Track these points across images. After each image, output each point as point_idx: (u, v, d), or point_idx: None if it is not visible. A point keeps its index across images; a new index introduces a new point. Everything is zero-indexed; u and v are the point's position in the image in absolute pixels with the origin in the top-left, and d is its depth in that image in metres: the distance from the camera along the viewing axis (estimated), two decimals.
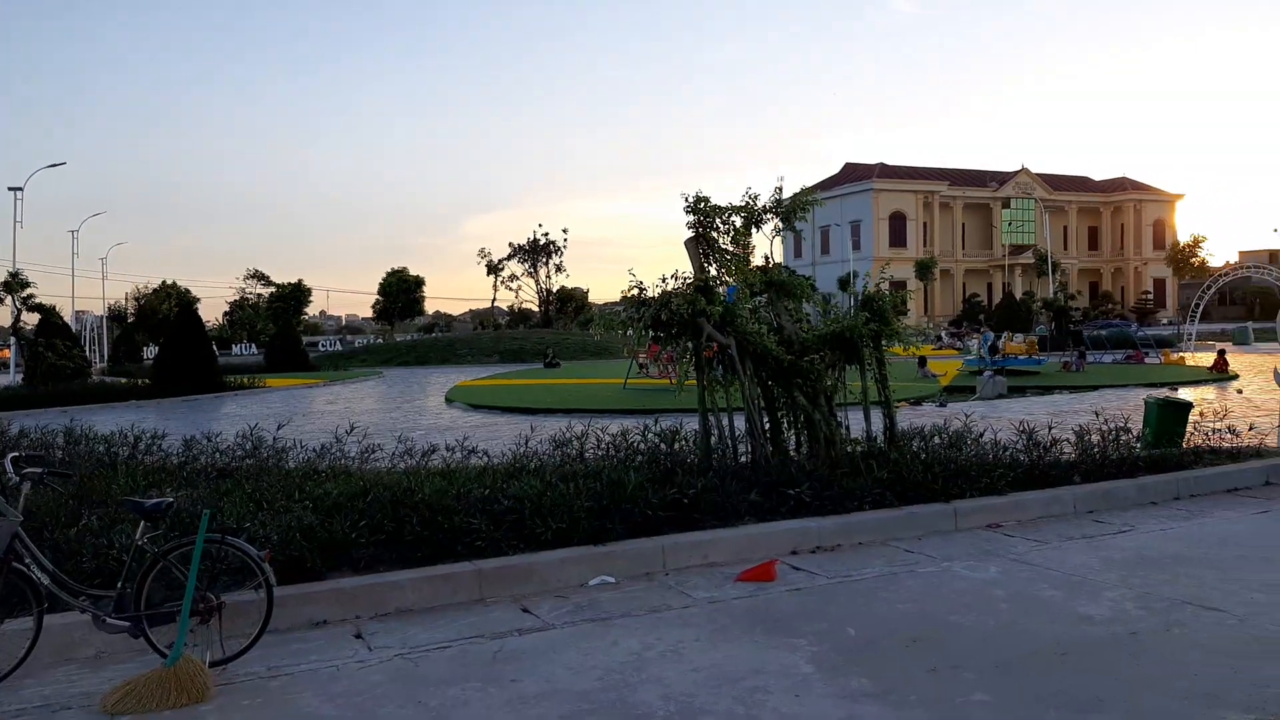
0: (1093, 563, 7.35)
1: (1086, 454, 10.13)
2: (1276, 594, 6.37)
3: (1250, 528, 8.48)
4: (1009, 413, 17.93)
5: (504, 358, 50.96)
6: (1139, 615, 6.03)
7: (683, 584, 6.96)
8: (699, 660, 5.42)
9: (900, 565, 7.40)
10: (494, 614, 6.36)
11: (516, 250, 76.31)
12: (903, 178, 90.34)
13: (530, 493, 7.47)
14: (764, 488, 8.39)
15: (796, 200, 10.28)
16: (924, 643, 5.63)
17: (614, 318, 9.99)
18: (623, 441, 9.54)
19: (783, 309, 10.17)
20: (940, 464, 9.07)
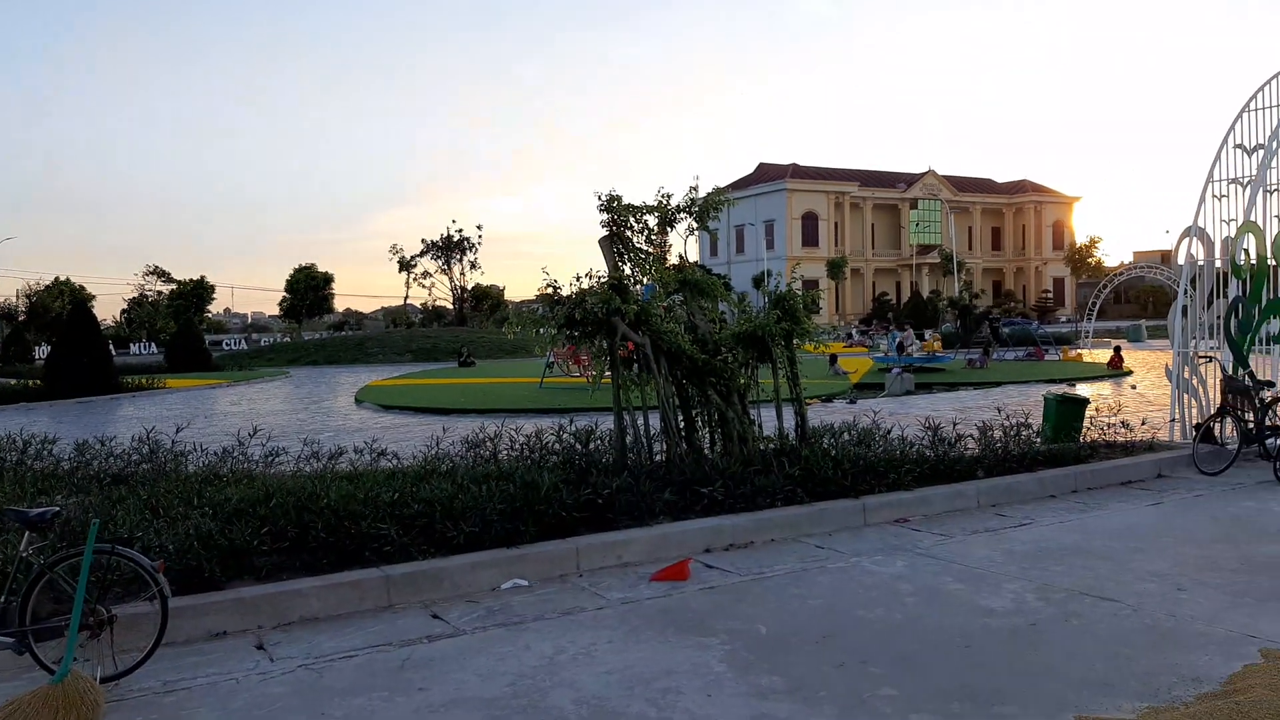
0: (995, 556, 7.56)
1: (989, 449, 10.43)
2: (1167, 584, 6.64)
3: (1143, 519, 8.83)
4: (916, 409, 18.37)
5: (417, 356, 50.19)
6: (1038, 606, 6.22)
7: (596, 585, 6.92)
8: (612, 662, 5.39)
9: (811, 561, 7.50)
10: (403, 621, 6.23)
11: (430, 247, 75.13)
12: (815, 178, 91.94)
13: (441, 496, 7.34)
14: (678, 486, 8.41)
15: (709, 200, 10.33)
16: (834, 638, 5.71)
17: (528, 316, 9.91)
18: (537, 442, 9.47)
19: (697, 308, 10.21)
20: (850, 461, 9.22)
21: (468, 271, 76.11)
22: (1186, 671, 4.98)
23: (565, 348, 24.10)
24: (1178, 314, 12.85)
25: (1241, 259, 12.33)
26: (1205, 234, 12.85)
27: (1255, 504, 9.32)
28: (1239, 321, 12.27)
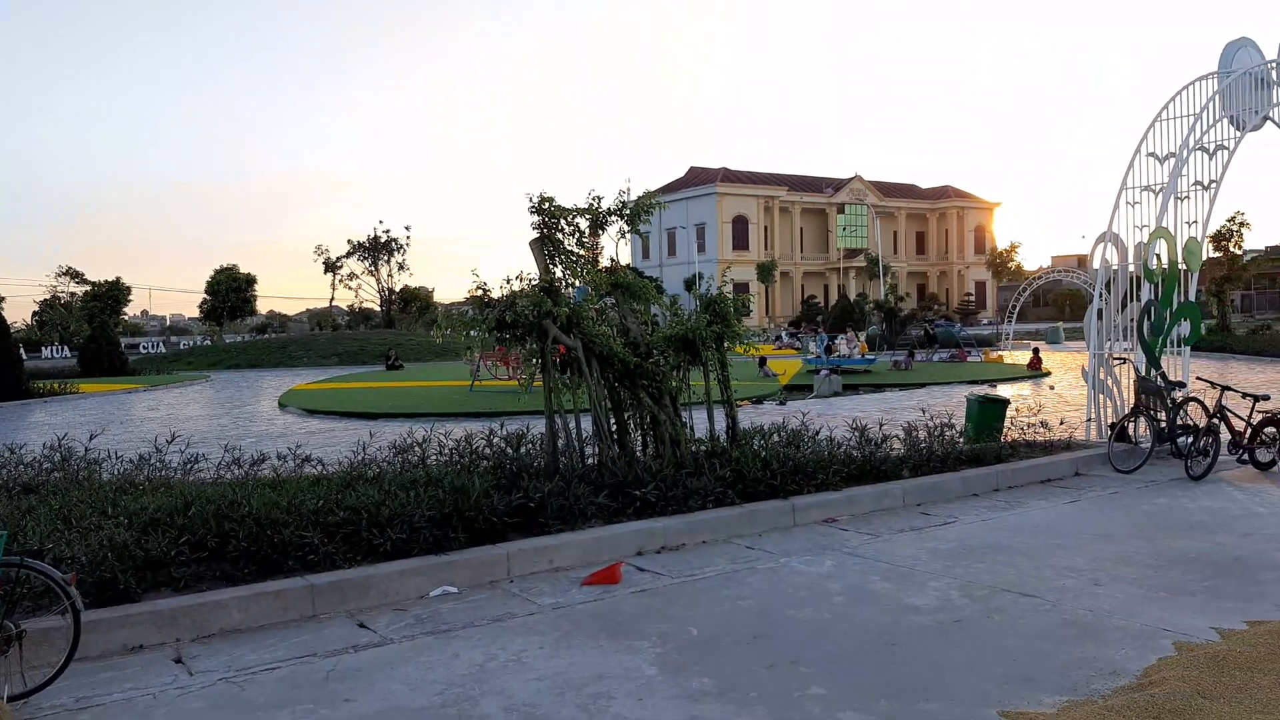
0: (920, 554, 7.70)
1: (915, 449, 10.63)
2: (1085, 579, 6.83)
3: (1061, 516, 9.09)
4: (844, 410, 18.64)
5: (343, 359, 49.27)
6: (962, 604, 6.35)
7: (528, 590, 6.86)
8: (543, 668, 5.35)
9: (742, 562, 7.55)
10: (328, 631, 6.10)
11: (356, 247, 73.77)
12: (744, 182, 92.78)
13: (367, 503, 7.20)
14: (610, 490, 8.39)
15: (640, 203, 10.34)
16: (764, 639, 5.75)
17: (458, 319, 9.79)
18: (467, 446, 9.36)
19: (629, 311, 10.21)
20: (780, 462, 9.31)
21: (396, 273, 74.98)
22: (1104, 665, 5.13)
23: (495, 350, 24.09)
24: (1093, 317, 13.26)
25: (1154, 264, 12.77)
26: (1119, 239, 13.29)
27: (1168, 500, 9.65)
28: (1151, 324, 12.70)
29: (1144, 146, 13.45)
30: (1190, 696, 4.45)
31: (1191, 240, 13.10)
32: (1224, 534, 8.09)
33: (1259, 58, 14.41)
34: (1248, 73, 14.13)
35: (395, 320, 72.34)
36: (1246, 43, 14.40)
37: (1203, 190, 13.45)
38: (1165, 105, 13.54)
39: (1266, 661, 4.93)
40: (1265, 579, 6.68)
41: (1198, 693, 4.51)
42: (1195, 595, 6.35)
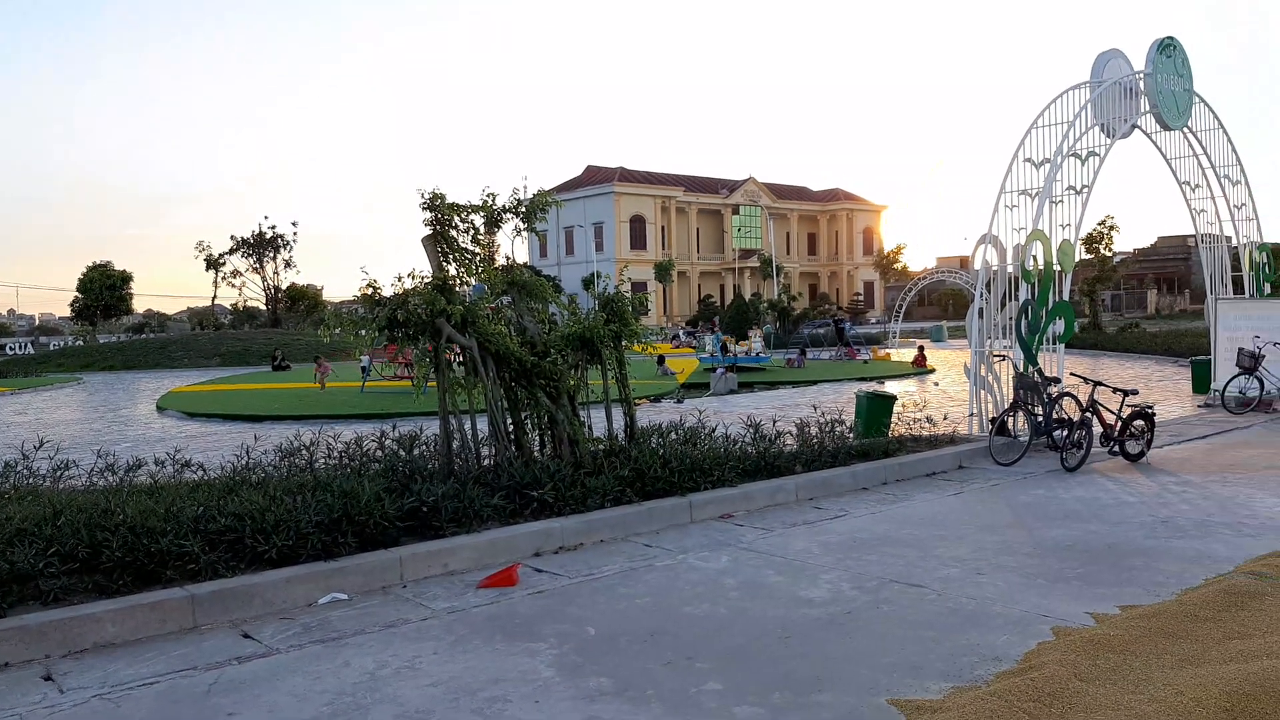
0: (813, 547, 7.85)
1: (807, 445, 10.85)
2: (968, 569, 7.08)
3: (946, 508, 9.39)
4: (739, 408, 18.91)
5: (226, 360, 47.55)
6: (853, 595, 6.50)
7: (421, 595, 6.72)
8: (437, 674, 5.24)
9: (639, 560, 7.56)
10: (210, 642, 5.85)
11: (240, 244, 71.08)
12: (642, 182, 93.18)
13: (252, 509, 6.93)
14: (507, 491, 8.29)
15: (536, 201, 10.26)
16: (661, 636, 5.76)
17: (347, 318, 9.52)
18: (357, 449, 9.13)
19: (526, 309, 10.11)
20: (677, 459, 9.37)
21: (282, 270, 72.54)
22: (987, 651, 5.31)
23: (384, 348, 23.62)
24: (975, 316, 13.77)
25: (1030, 265, 13.33)
26: (999, 241, 13.83)
27: (1045, 491, 10.08)
28: (1029, 322, 13.26)
29: (1021, 152, 14.03)
30: (1068, 679, 4.64)
31: (1065, 242, 13.73)
32: (1097, 523, 8.49)
33: (1128, 68, 15.21)
34: (1117, 82, 14.89)
35: (282, 319, 70.06)
36: (1117, 54, 15.18)
37: (1075, 195, 14.11)
38: (1041, 113, 14.16)
39: (1138, 644, 5.18)
40: (1135, 565, 7.04)
41: (1075, 676, 4.71)
42: (1071, 582, 6.64)
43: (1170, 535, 7.93)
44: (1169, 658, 5.00)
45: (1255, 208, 18.85)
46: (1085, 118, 14.31)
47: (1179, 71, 16.15)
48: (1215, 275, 18.82)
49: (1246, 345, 16.36)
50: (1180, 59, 16.20)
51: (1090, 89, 14.56)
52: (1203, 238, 18.86)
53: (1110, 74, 14.91)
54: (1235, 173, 18.33)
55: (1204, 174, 17.98)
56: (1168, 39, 15.91)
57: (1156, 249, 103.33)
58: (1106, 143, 14.72)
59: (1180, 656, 5.01)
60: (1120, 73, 15.01)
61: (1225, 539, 7.73)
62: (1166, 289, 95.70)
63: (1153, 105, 15.71)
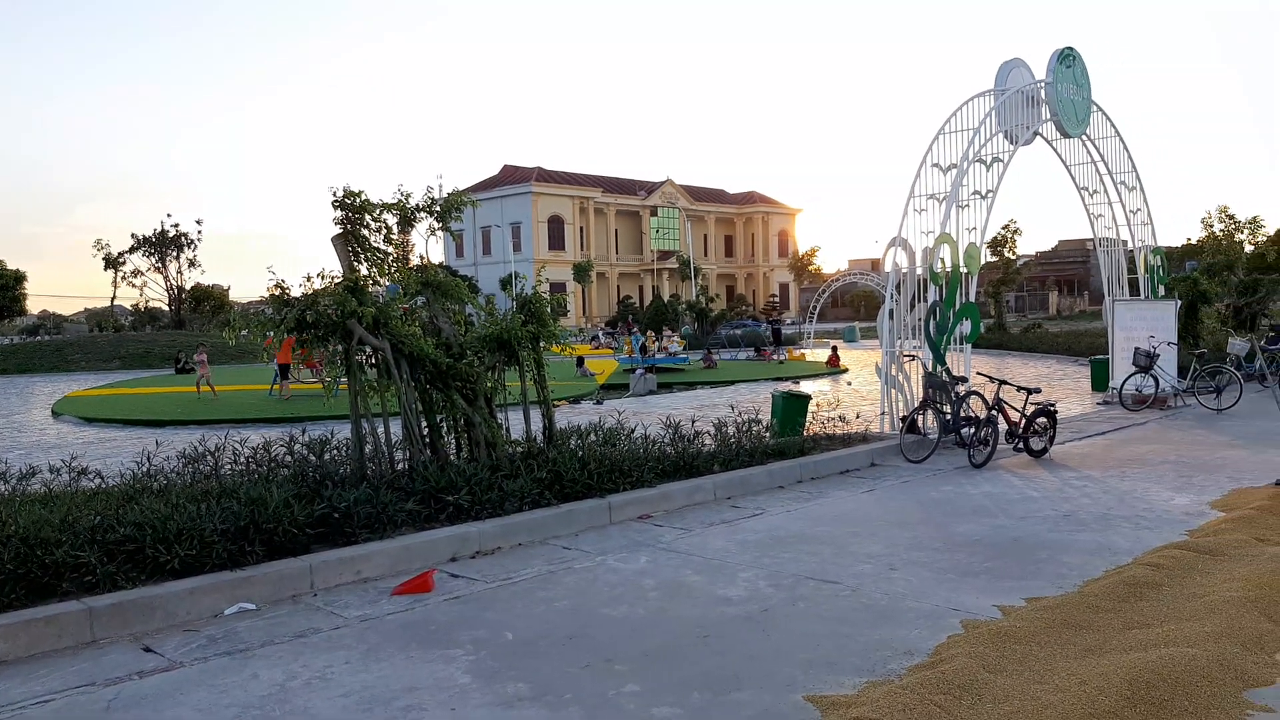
0: (730, 546, 7.91)
1: (725, 445, 10.93)
2: (881, 564, 7.21)
3: (859, 505, 9.57)
4: (658, 408, 18.98)
5: (127, 363, 45.79)
6: (770, 593, 6.56)
7: (333, 604, 6.55)
8: (349, 684, 5.11)
9: (558, 563, 7.51)
10: (110, 657, 5.60)
11: (141, 242, 68.46)
12: (560, 182, 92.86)
13: (153, 518, 6.66)
14: (422, 496, 8.15)
15: (451, 200, 10.11)
16: (580, 639, 5.72)
17: (254, 319, 9.24)
18: (265, 454, 8.85)
19: (441, 310, 9.96)
20: (596, 461, 9.33)
21: (186, 270, 70.10)
22: (900, 645, 5.41)
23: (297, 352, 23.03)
24: (885, 317, 14.07)
25: (939, 267, 13.68)
26: (908, 244, 14.16)
27: (953, 488, 10.35)
28: (936, 323, 13.60)
29: (929, 157, 14.39)
30: (977, 671, 4.76)
31: (972, 245, 14.13)
32: (1003, 517, 8.75)
33: (1030, 77, 15.73)
34: (1020, 91, 15.38)
35: (186, 320, 67.76)
36: (1019, 63, 15.68)
37: (981, 199, 14.53)
38: (948, 120, 14.55)
39: (1043, 635, 5.35)
40: (1040, 558, 7.27)
41: (983, 667, 4.84)
42: (979, 576, 6.82)
43: (1073, 529, 8.21)
44: (1072, 648, 5.16)
45: (1150, 213, 19.69)
46: (990, 125, 14.75)
47: (1078, 81, 16.77)
48: (1113, 277, 19.60)
49: (1142, 345, 17.06)
50: (1079, 69, 16.83)
51: (994, 97, 15.02)
52: (1101, 241, 19.63)
53: (1013, 82, 15.40)
54: (1131, 179, 19.12)
55: (1102, 180, 18.73)
56: (1067, 49, 16.51)
57: (1057, 252, 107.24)
58: (1010, 149, 15.20)
59: (1083, 646, 5.18)
60: (1022, 81, 15.52)
61: (1124, 531, 8.04)
62: (1067, 290, 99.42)
63: (1053, 113, 16.27)
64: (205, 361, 26.91)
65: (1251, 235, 51.27)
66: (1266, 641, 5.15)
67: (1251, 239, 50.72)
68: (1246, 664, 4.79)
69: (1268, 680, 4.69)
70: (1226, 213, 51.41)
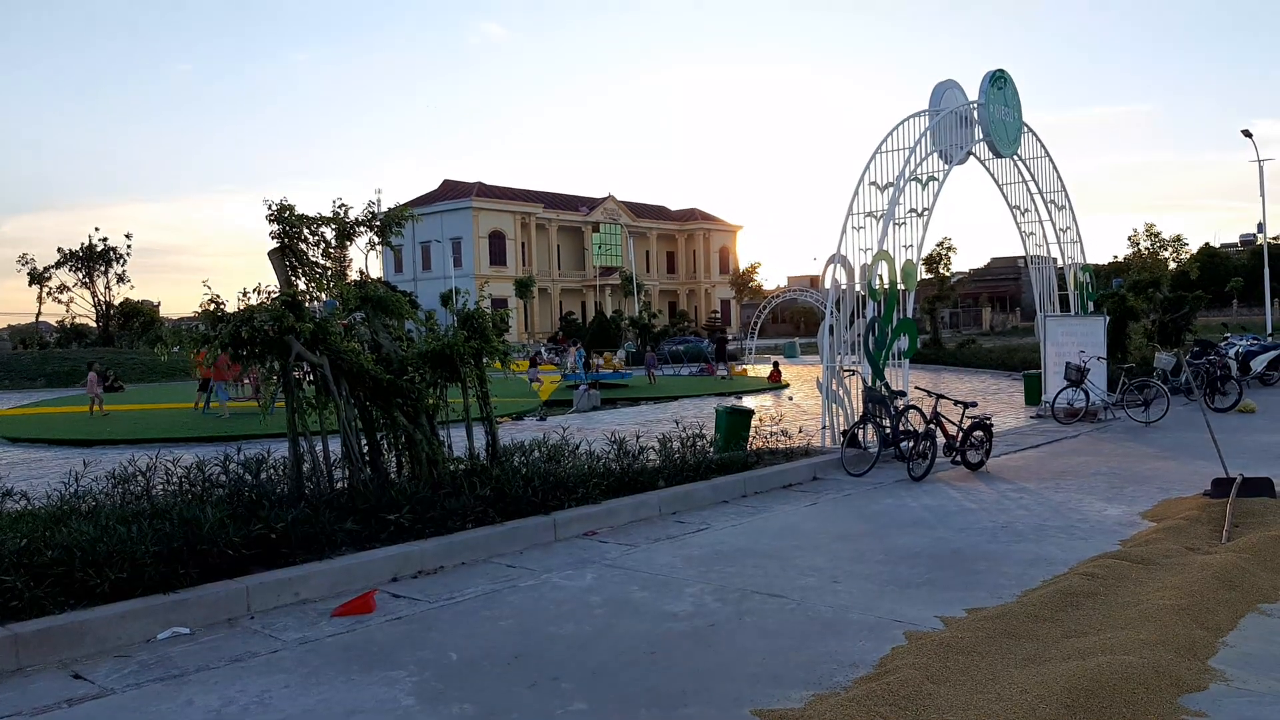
0: (676, 562, 7.90)
1: (669, 460, 10.94)
2: (825, 577, 7.26)
3: (803, 519, 9.64)
4: (602, 424, 18.94)
5: (52, 381, 44.36)
6: (716, 608, 6.56)
7: (270, 626, 6.39)
8: (289, 709, 4.98)
9: (502, 581, 7.43)
10: (37, 685, 5.39)
11: (68, 257, 66.40)
12: (501, 198, 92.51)
13: (81, 540, 6.44)
14: (362, 515, 8.00)
15: (391, 214, 10.02)
16: (526, 658, 5.66)
17: (186, 335, 9.02)
18: (199, 474, 8.62)
19: (381, 326, 9.82)
20: (541, 478, 9.27)
21: (114, 285, 68.24)
22: (845, 658, 5.45)
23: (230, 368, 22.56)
24: (826, 333, 14.25)
25: (877, 284, 13.90)
26: (847, 261, 14.37)
27: (894, 501, 10.48)
28: (875, 339, 13.81)
29: (867, 176, 14.64)
30: (921, 682, 4.80)
31: (908, 262, 14.39)
32: (943, 529, 8.88)
33: (963, 98, 16.12)
34: (954, 111, 15.75)
35: (114, 337, 65.88)
36: (953, 84, 16.06)
37: (917, 217, 14.83)
38: (884, 139, 14.83)
39: (984, 645, 5.43)
40: (980, 569, 7.38)
41: (927, 678, 4.89)
42: (921, 587, 6.91)
43: (1010, 540, 8.36)
44: (1013, 657, 5.25)
45: (1079, 231, 20.28)
46: (925, 144, 15.08)
47: (1008, 102, 17.23)
48: (1044, 294, 20.11)
49: (1073, 360, 17.52)
50: (1010, 91, 17.29)
51: (929, 117, 15.36)
52: (1032, 259, 20.15)
53: (947, 103, 15.77)
54: (1061, 198, 19.68)
55: (1033, 199, 19.25)
56: (999, 72, 16.96)
57: (990, 269, 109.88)
58: (945, 168, 15.54)
59: (1023, 655, 5.27)
60: (956, 102, 15.90)
61: (1060, 542, 8.22)
62: (1000, 307, 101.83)
63: (986, 134, 16.69)
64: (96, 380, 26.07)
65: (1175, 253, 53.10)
66: (1199, 648, 5.29)
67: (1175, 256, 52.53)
68: (1181, 670, 4.91)
69: (1200, 686, 4.81)
70: (1152, 231, 53.20)
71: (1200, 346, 22.77)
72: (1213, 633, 5.56)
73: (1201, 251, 55.23)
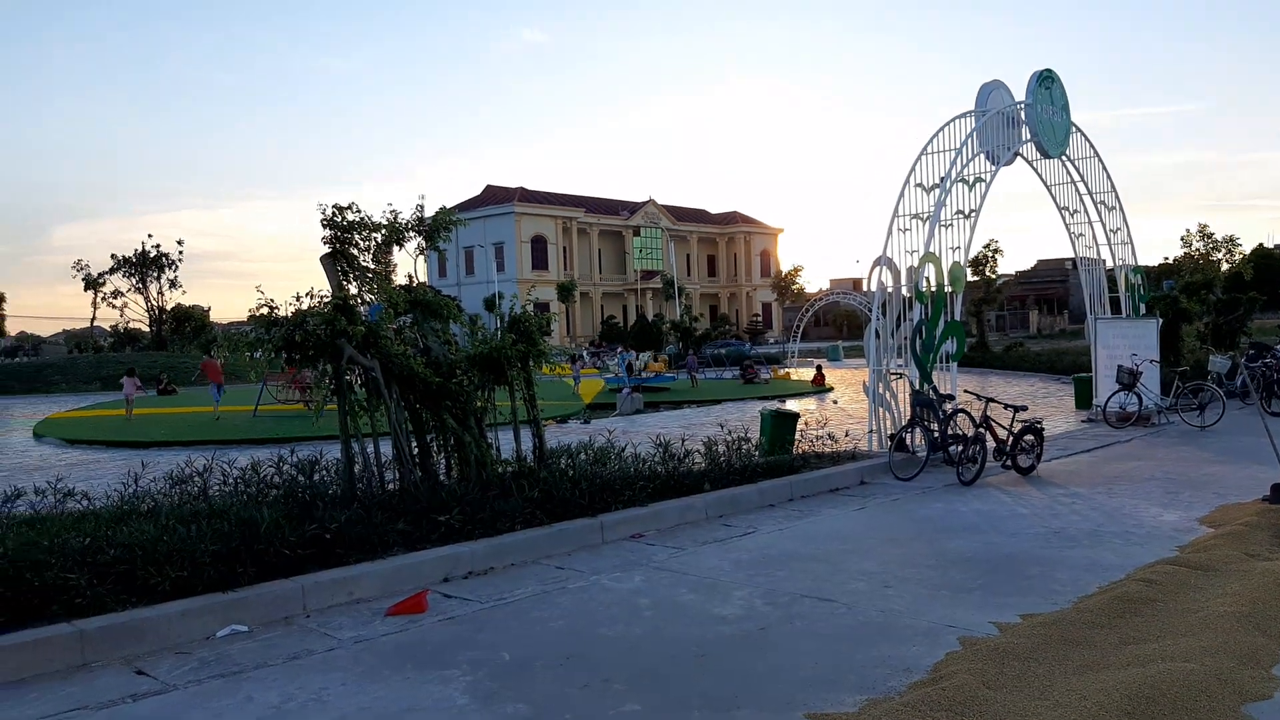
0: (724, 565, 7.90)
1: (715, 463, 10.93)
2: (875, 582, 7.21)
3: (851, 523, 9.58)
4: (646, 427, 18.96)
5: (108, 384, 45.36)
6: (766, 611, 6.55)
7: (326, 625, 6.50)
8: (345, 706, 5.06)
9: (551, 583, 7.47)
10: (102, 680, 5.53)
11: (122, 263, 67.99)
12: (542, 203, 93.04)
13: (142, 539, 6.60)
14: (413, 516, 8.10)
15: (439, 219, 10.17)
16: (576, 659, 5.69)
17: (242, 339, 9.21)
18: (254, 475, 8.79)
19: (429, 329, 9.94)
20: (587, 480, 9.31)
21: (167, 291, 69.71)
22: (898, 663, 5.41)
23: (283, 372, 22.93)
24: (872, 336, 14.14)
25: (924, 286, 13.77)
26: (893, 263, 14.25)
27: (944, 505, 10.38)
28: (923, 342, 13.68)
29: (913, 177, 14.51)
30: (977, 688, 4.76)
31: (956, 264, 14.24)
32: (994, 534, 8.77)
33: (1010, 99, 15.92)
34: (1000, 112, 15.56)
35: (167, 341, 67.24)
36: (999, 85, 15.87)
37: (964, 218, 14.66)
38: (930, 139, 14.69)
39: (1040, 651, 5.36)
40: (1033, 574, 7.29)
41: (983, 684, 4.84)
42: (974, 592, 6.84)
43: (1064, 545, 8.25)
44: (1070, 664, 5.18)
45: (1130, 232, 19.92)
46: (971, 145, 14.91)
47: (1056, 102, 16.99)
48: (1094, 296, 19.78)
49: (1125, 363, 17.21)
50: (1058, 91, 17.05)
51: (975, 118, 15.19)
52: (1081, 260, 19.83)
53: (993, 104, 15.59)
54: (1111, 199, 19.35)
55: (1082, 200, 18.94)
56: (1046, 71, 16.73)
57: (1037, 271, 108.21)
58: (991, 169, 15.36)
59: (1080, 662, 5.20)
60: (1002, 103, 15.71)
61: (1115, 547, 8.08)
62: (1047, 309, 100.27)
63: (1033, 134, 16.47)
64: (136, 384, 26.28)
65: (1228, 254, 51.94)
66: (1261, 656, 5.18)
67: (1228, 258, 51.39)
68: (1243, 678, 4.82)
69: (1264, 694, 4.71)
70: (1205, 232, 52.08)
71: (1256, 349, 22.22)
72: (1276, 640, 5.44)
73: (1255, 252, 53.98)
